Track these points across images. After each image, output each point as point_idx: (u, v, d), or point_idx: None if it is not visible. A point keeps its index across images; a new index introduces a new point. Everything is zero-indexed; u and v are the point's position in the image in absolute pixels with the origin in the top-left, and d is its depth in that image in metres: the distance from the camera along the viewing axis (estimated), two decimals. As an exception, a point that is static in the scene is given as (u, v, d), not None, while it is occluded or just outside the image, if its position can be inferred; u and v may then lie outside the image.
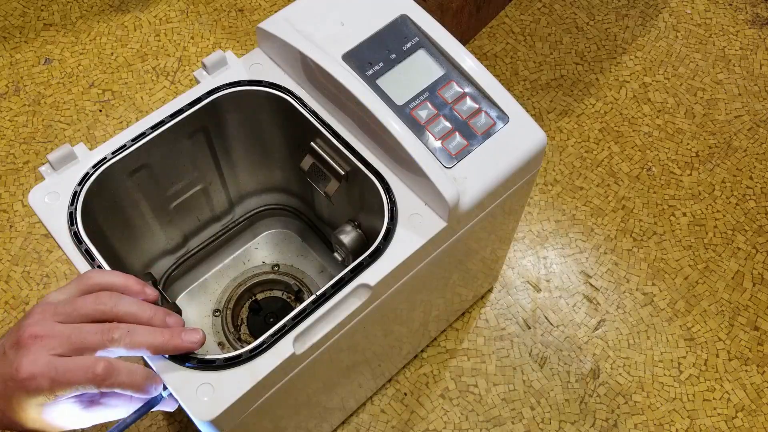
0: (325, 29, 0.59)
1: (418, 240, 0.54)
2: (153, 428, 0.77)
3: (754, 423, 0.79)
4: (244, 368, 0.48)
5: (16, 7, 1.10)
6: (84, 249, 0.53)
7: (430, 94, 0.58)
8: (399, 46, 0.59)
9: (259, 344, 0.49)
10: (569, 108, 1.02)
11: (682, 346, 0.83)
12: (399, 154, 0.55)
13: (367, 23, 0.60)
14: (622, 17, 1.11)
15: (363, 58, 0.58)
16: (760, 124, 1.01)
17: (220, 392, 0.47)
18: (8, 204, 0.91)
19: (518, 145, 0.57)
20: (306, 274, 0.80)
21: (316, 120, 0.60)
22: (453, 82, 0.58)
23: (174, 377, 0.47)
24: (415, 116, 0.56)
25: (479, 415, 0.78)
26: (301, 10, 0.61)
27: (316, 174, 0.64)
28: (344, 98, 0.57)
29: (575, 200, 0.93)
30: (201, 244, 0.76)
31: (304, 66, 0.59)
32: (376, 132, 0.56)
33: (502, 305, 0.85)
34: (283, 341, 0.49)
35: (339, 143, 0.59)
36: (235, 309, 0.77)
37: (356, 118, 0.58)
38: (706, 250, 0.90)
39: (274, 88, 0.61)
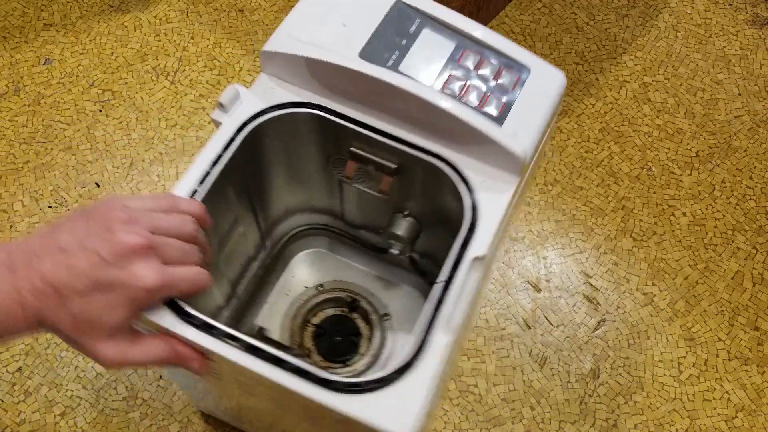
0: (330, 34, 0.59)
1: (502, 200, 0.56)
2: (153, 428, 0.77)
3: (754, 423, 0.79)
4: (414, 374, 0.48)
5: (16, 7, 1.10)
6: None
7: (452, 67, 0.59)
8: (405, 31, 0.59)
9: (416, 348, 0.48)
10: (569, 108, 1.02)
11: (682, 346, 0.83)
12: (453, 130, 0.56)
13: (367, 18, 0.60)
14: (622, 17, 1.11)
15: (378, 51, 0.58)
16: (760, 124, 1.01)
17: (406, 404, 0.47)
18: (8, 204, 0.91)
19: (547, 90, 0.61)
20: (351, 283, 0.79)
21: (353, 124, 0.59)
22: (467, 50, 0.60)
23: (357, 404, 0.46)
24: (448, 91, 0.58)
25: (479, 415, 0.78)
26: (299, 23, 0.60)
27: (362, 177, 0.64)
28: (378, 94, 0.57)
29: (575, 200, 0.93)
30: (246, 289, 0.75)
31: (320, 75, 0.58)
32: (418, 117, 0.57)
33: (502, 305, 0.85)
34: (436, 335, 0.50)
35: (385, 138, 0.58)
36: (301, 343, 0.76)
37: (391, 111, 0.58)
38: (706, 250, 0.90)
39: (298, 106, 0.60)
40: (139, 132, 0.98)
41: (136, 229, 0.43)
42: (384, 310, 0.78)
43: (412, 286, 0.79)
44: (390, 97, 0.57)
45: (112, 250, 0.42)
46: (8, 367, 0.80)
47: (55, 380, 0.79)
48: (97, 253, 0.42)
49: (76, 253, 0.42)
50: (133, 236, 0.43)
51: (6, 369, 0.80)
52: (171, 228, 0.46)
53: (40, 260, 0.41)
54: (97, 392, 0.79)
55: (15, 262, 0.41)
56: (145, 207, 0.46)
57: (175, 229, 0.47)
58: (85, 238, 0.42)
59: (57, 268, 0.41)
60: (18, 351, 0.81)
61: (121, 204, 0.45)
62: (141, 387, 0.79)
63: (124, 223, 0.43)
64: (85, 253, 0.42)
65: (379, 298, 0.79)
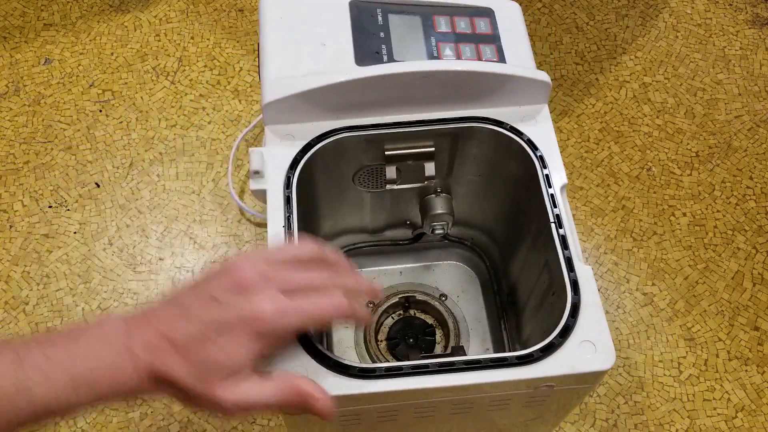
0: (318, 58, 0.58)
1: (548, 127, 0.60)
2: (153, 428, 0.77)
3: (754, 423, 0.79)
4: (585, 310, 0.50)
5: (16, 7, 1.10)
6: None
7: (434, 36, 0.60)
8: (375, 24, 0.60)
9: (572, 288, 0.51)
10: (569, 108, 1.02)
11: (682, 346, 0.83)
12: (472, 89, 0.58)
13: (338, 28, 0.60)
14: (622, 17, 1.11)
15: (368, 52, 0.58)
16: (760, 124, 1.01)
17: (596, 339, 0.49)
18: (8, 204, 0.91)
19: (514, 21, 0.63)
20: (396, 286, 0.79)
21: (382, 128, 0.59)
22: (435, 17, 0.61)
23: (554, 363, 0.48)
24: (448, 56, 0.59)
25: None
26: (282, 64, 0.58)
27: (403, 175, 0.64)
28: (390, 89, 0.57)
29: (575, 200, 0.93)
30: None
31: (329, 99, 0.57)
32: (432, 94, 0.58)
33: (502, 305, 0.85)
34: (579, 268, 0.53)
35: (417, 127, 0.59)
36: (388, 311, 0.77)
37: (404, 101, 0.58)
38: (706, 250, 0.90)
39: (324, 138, 0.58)
40: (139, 132, 0.98)
41: (250, 265, 0.41)
42: (437, 292, 0.78)
43: (449, 258, 0.80)
44: (403, 88, 0.57)
45: (226, 288, 0.40)
46: (8, 367, 0.80)
47: (55, 380, 0.79)
48: (212, 298, 0.40)
49: (192, 305, 0.40)
50: (246, 271, 0.40)
51: (6, 369, 0.80)
52: (290, 255, 0.43)
53: (156, 318, 0.40)
54: (97, 392, 0.79)
55: (132, 324, 0.39)
56: (270, 258, 0.42)
57: (295, 256, 0.43)
58: (201, 290, 0.41)
59: (171, 321, 0.39)
60: (18, 351, 0.81)
61: (236, 257, 0.42)
62: (141, 387, 0.79)
63: (239, 267, 0.41)
64: (201, 302, 0.40)
65: (426, 284, 0.79)
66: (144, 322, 0.39)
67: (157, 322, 0.39)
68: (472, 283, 0.80)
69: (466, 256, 0.80)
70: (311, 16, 0.60)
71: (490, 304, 0.78)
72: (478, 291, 0.79)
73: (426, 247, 0.78)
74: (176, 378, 0.39)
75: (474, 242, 0.78)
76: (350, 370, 0.47)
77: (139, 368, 0.38)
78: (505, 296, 0.75)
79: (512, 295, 0.73)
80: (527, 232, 0.65)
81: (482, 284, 0.79)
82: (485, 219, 0.75)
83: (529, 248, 0.65)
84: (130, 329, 0.39)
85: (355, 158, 0.62)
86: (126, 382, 0.38)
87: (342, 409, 0.49)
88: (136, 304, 0.85)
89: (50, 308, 0.84)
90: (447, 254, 0.80)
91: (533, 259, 0.64)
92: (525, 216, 0.65)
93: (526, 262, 0.67)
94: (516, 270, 0.71)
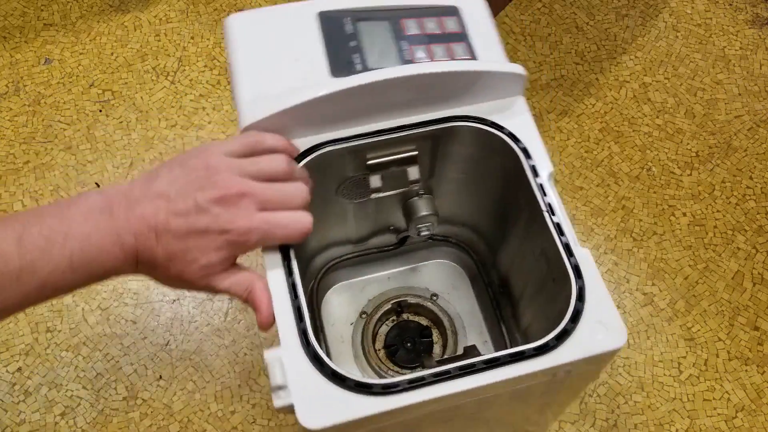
0: (293, 74, 0.57)
1: (527, 119, 0.60)
2: (153, 428, 0.77)
3: (754, 423, 0.79)
4: (590, 295, 0.50)
5: (16, 7, 1.10)
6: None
7: (405, 40, 0.60)
8: (346, 34, 0.60)
9: (574, 273, 0.50)
10: (569, 108, 1.02)
11: (682, 346, 0.83)
12: (448, 88, 0.58)
13: (309, 42, 0.59)
14: (622, 17, 1.11)
15: (343, 63, 0.58)
16: (760, 124, 1.01)
17: (605, 320, 0.48)
18: (8, 204, 0.91)
19: (480, 16, 0.63)
20: (386, 292, 0.79)
21: (364, 138, 0.59)
22: (403, 20, 0.61)
23: (568, 350, 0.48)
24: (421, 59, 0.59)
25: (479, 415, 0.78)
26: (256, 85, 0.57)
27: (387, 182, 0.64)
28: (367, 97, 0.57)
29: (575, 200, 0.93)
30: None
31: (306, 116, 0.57)
32: (409, 98, 0.58)
33: (502, 305, 0.85)
34: (578, 252, 0.52)
35: (399, 132, 0.59)
36: (382, 318, 0.78)
37: (381, 108, 0.59)
38: (706, 250, 0.90)
39: (306, 155, 0.58)
40: (139, 132, 0.98)
41: (231, 176, 0.46)
42: (428, 293, 0.79)
43: (435, 258, 0.80)
44: (381, 95, 0.57)
45: (208, 197, 0.44)
46: (8, 367, 0.80)
47: (55, 380, 0.79)
48: (194, 200, 0.44)
49: (174, 198, 0.44)
50: (229, 183, 0.45)
51: (6, 369, 0.80)
52: (264, 170, 0.48)
53: (139, 205, 0.44)
54: (97, 392, 0.79)
55: (114, 207, 0.44)
56: (237, 151, 0.48)
57: (269, 170, 0.48)
58: (183, 185, 0.45)
59: (156, 212, 0.44)
60: (18, 351, 0.81)
61: (217, 151, 0.47)
62: (141, 387, 0.79)
63: (220, 171, 0.45)
64: (182, 199, 0.44)
65: (416, 286, 0.79)
66: (129, 207, 0.44)
67: (142, 211, 0.44)
68: (462, 279, 0.80)
69: (453, 253, 0.80)
70: (280, 32, 0.59)
71: (483, 298, 0.78)
72: (468, 286, 0.80)
73: (411, 249, 0.78)
74: (158, 263, 0.44)
75: (459, 239, 0.79)
76: (373, 388, 0.47)
77: (127, 251, 0.43)
78: (497, 288, 0.75)
79: (505, 287, 0.73)
80: (517, 224, 0.65)
81: (471, 279, 0.80)
82: (470, 215, 0.75)
83: (521, 239, 0.65)
84: (117, 214, 0.43)
85: (339, 171, 0.62)
86: (114, 264, 0.43)
87: (365, 429, 0.49)
88: (136, 304, 0.85)
89: (50, 308, 0.84)
90: (433, 254, 0.80)
91: (527, 249, 0.64)
92: (513, 208, 0.65)
93: (518, 252, 0.68)
94: (507, 261, 0.72)
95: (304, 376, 0.47)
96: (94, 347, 0.81)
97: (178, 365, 0.80)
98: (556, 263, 0.55)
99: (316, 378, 0.47)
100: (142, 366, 0.80)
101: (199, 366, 0.80)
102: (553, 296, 0.58)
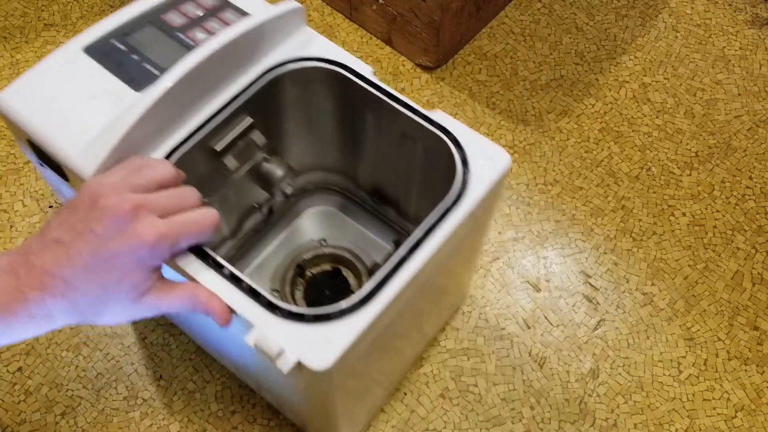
0: (99, 111, 0.56)
1: (321, 39, 0.64)
2: (153, 428, 0.77)
3: (754, 423, 0.79)
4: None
5: (17, 7, 1.10)
6: None
7: (176, 30, 0.61)
8: (121, 54, 0.59)
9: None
10: (569, 108, 1.02)
11: (681, 346, 0.83)
12: (241, 50, 0.60)
13: (95, 75, 0.58)
14: (622, 17, 1.12)
15: (138, 78, 0.57)
16: (759, 124, 1.01)
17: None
18: (8, 204, 0.92)
19: None
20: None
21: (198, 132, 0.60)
22: (163, 16, 0.62)
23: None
24: (202, 42, 0.60)
25: (479, 414, 0.79)
26: (72, 138, 0.55)
27: (240, 158, 0.66)
28: (191, 87, 0.58)
29: (575, 200, 0.94)
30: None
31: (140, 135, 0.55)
32: (210, 79, 0.59)
33: (501, 305, 0.85)
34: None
35: (227, 109, 0.60)
36: (292, 286, 0.79)
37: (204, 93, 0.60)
38: (705, 250, 0.90)
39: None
40: (140, 132, 0.98)
41: (119, 195, 0.44)
42: (315, 243, 0.82)
43: (307, 209, 0.83)
44: (192, 85, 0.57)
45: (104, 223, 0.43)
46: (8, 367, 0.80)
47: (56, 380, 0.79)
48: (91, 231, 0.43)
49: (72, 240, 0.43)
50: (119, 202, 0.44)
51: (6, 369, 0.80)
52: (152, 179, 0.47)
53: (38, 257, 0.43)
54: (98, 392, 0.79)
55: (16, 266, 0.42)
56: (119, 176, 0.47)
57: (157, 178, 0.47)
58: (75, 223, 0.43)
59: (57, 259, 0.42)
60: (18, 351, 0.81)
61: (97, 182, 0.45)
62: (141, 387, 0.79)
63: (107, 195, 0.44)
64: (78, 236, 0.43)
65: (303, 243, 0.82)
66: (29, 263, 0.43)
67: (43, 263, 0.42)
68: (336, 214, 0.83)
69: (319, 197, 0.83)
70: (59, 83, 0.57)
71: (365, 218, 0.82)
72: (345, 216, 0.83)
73: (281, 215, 0.81)
74: (80, 306, 0.43)
75: (318, 183, 0.81)
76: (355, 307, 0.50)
77: (30, 306, 0.42)
78: (372, 202, 0.79)
79: (379, 196, 0.77)
80: (365, 134, 0.69)
81: (345, 209, 0.83)
82: (318, 155, 0.77)
83: (375, 144, 0.69)
84: (19, 273, 0.42)
85: (195, 170, 0.61)
86: (21, 321, 0.42)
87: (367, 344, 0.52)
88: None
89: (51, 308, 0.84)
90: (302, 207, 0.83)
91: (384, 148, 0.68)
92: (357, 122, 0.68)
93: (377, 159, 0.71)
94: (370, 174, 0.75)
95: (291, 333, 0.49)
96: (95, 347, 0.81)
97: (178, 365, 0.80)
98: (420, 134, 0.61)
99: (302, 329, 0.49)
100: (143, 366, 0.80)
101: (199, 366, 0.80)
102: (426, 176, 0.66)
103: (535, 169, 0.96)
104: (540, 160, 0.97)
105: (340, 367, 0.49)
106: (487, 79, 1.04)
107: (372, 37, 1.07)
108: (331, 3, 1.10)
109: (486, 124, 1.00)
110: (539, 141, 0.98)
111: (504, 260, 0.89)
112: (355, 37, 1.07)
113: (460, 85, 1.03)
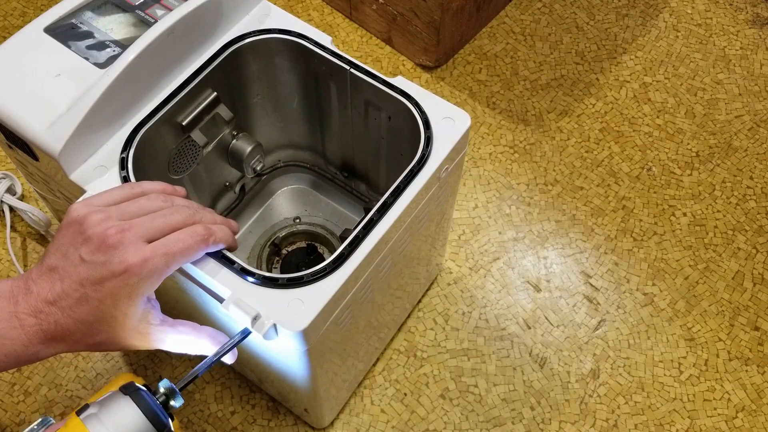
0: (65, 88, 0.56)
1: (284, 14, 0.64)
2: (153, 428, 0.77)
3: (755, 423, 0.79)
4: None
5: (16, 7, 1.10)
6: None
7: (137, 9, 0.61)
8: (82, 33, 0.60)
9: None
10: (569, 108, 1.02)
11: (682, 346, 0.83)
12: (206, 21, 0.61)
13: (57, 54, 0.58)
14: (623, 17, 1.11)
15: (102, 56, 0.58)
16: (760, 124, 1.01)
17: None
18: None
19: None
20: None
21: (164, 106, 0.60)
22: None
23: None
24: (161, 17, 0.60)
25: (479, 415, 0.78)
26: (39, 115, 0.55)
27: (208, 133, 0.66)
28: (154, 61, 0.58)
29: (575, 200, 0.93)
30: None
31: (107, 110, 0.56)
32: (175, 51, 0.60)
33: (502, 305, 0.85)
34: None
35: (190, 84, 0.61)
36: (268, 264, 0.80)
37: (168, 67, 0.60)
38: (706, 250, 0.90)
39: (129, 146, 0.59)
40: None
41: (105, 221, 0.44)
42: (290, 221, 0.82)
43: (279, 188, 0.84)
44: (156, 59, 0.58)
45: (90, 248, 0.43)
46: (8, 367, 0.80)
47: (55, 380, 0.79)
48: (78, 257, 0.43)
49: (64, 267, 0.44)
50: (105, 229, 0.44)
51: (6, 369, 0.80)
52: (144, 208, 0.47)
53: (35, 284, 0.44)
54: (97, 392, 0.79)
55: (16, 293, 0.43)
56: (113, 200, 0.47)
57: (149, 208, 0.47)
58: (65, 250, 0.44)
59: (51, 286, 0.43)
60: (18, 351, 0.81)
61: (86, 205, 0.46)
62: (141, 387, 0.79)
63: (93, 221, 0.44)
64: (69, 263, 0.43)
65: (277, 222, 0.83)
66: (28, 290, 0.44)
67: (39, 290, 0.43)
68: (308, 191, 0.84)
69: (290, 176, 0.84)
70: (23, 64, 0.58)
71: (336, 193, 0.83)
72: (317, 193, 0.84)
73: (254, 195, 0.82)
74: (75, 338, 0.44)
75: (287, 161, 0.82)
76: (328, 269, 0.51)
77: (29, 333, 0.43)
78: (341, 176, 0.80)
79: (348, 170, 0.78)
80: (330, 107, 0.70)
81: (315, 185, 0.84)
82: (284, 129, 0.78)
83: (340, 116, 0.70)
84: (18, 300, 0.43)
85: (162, 147, 0.63)
86: (16, 348, 0.43)
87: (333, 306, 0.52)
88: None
89: (50, 308, 0.84)
90: (274, 186, 0.84)
91: (350, 119, 0.69)
92: (321, 95, 0.69)
93: (344, 132, 0.72)
94: (338, 148, 0.76)
95: (267, 298, 0.49)
96: (94, 347, 0.81)
97: (178, 365, 0.80)
98: (383, 101, 0.62)
99: (277, 293, 0.50)
100: (142, 366, 0.80)
101: (199, 366, 0.80)
102: (392, 145, 0.68)
103: (536, 169, 0.96)
104: (540, 160, 0.96)
105: (314, 328, 0.50)
106: (487, 79, 1.04)
107: (372, 37, 1.07)
108: (331, 2, 1.09)
109: (486, 123, 0.99)
110: (539, 141, 0.98)
111: (504, 260, 0.88)
112: (355, 36, 1.07)
113: (461, 85, 1.03)
